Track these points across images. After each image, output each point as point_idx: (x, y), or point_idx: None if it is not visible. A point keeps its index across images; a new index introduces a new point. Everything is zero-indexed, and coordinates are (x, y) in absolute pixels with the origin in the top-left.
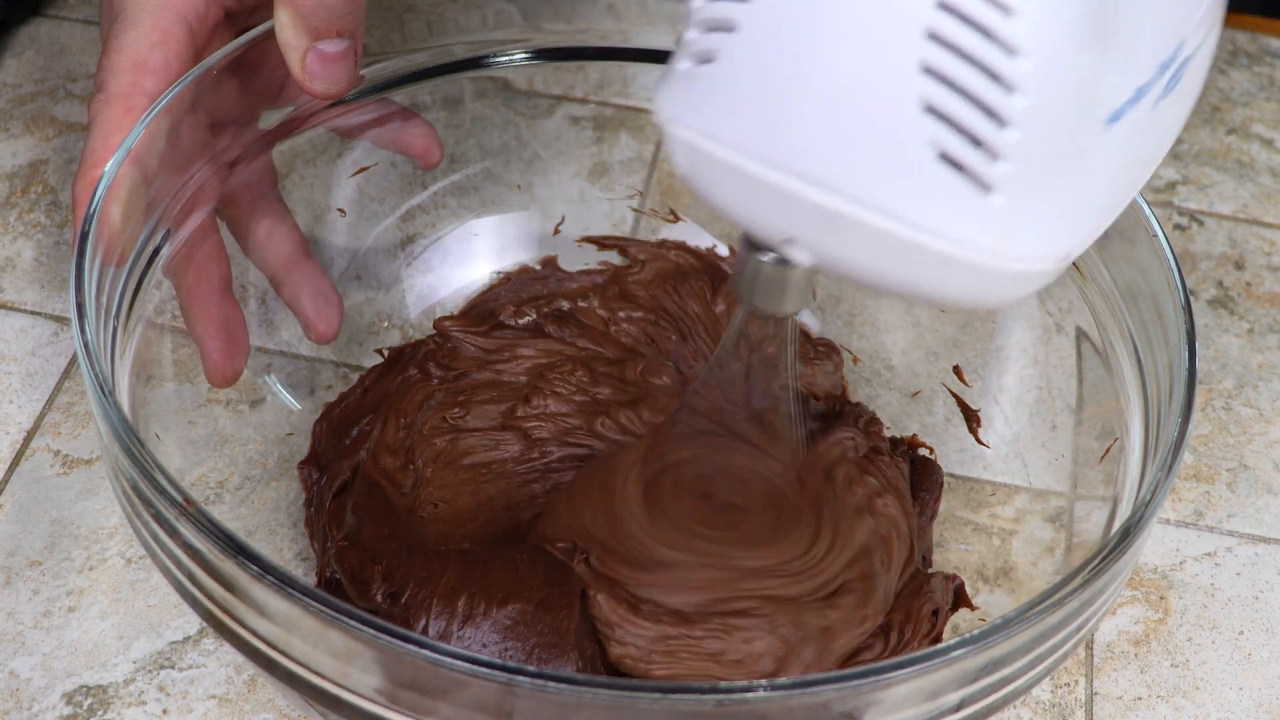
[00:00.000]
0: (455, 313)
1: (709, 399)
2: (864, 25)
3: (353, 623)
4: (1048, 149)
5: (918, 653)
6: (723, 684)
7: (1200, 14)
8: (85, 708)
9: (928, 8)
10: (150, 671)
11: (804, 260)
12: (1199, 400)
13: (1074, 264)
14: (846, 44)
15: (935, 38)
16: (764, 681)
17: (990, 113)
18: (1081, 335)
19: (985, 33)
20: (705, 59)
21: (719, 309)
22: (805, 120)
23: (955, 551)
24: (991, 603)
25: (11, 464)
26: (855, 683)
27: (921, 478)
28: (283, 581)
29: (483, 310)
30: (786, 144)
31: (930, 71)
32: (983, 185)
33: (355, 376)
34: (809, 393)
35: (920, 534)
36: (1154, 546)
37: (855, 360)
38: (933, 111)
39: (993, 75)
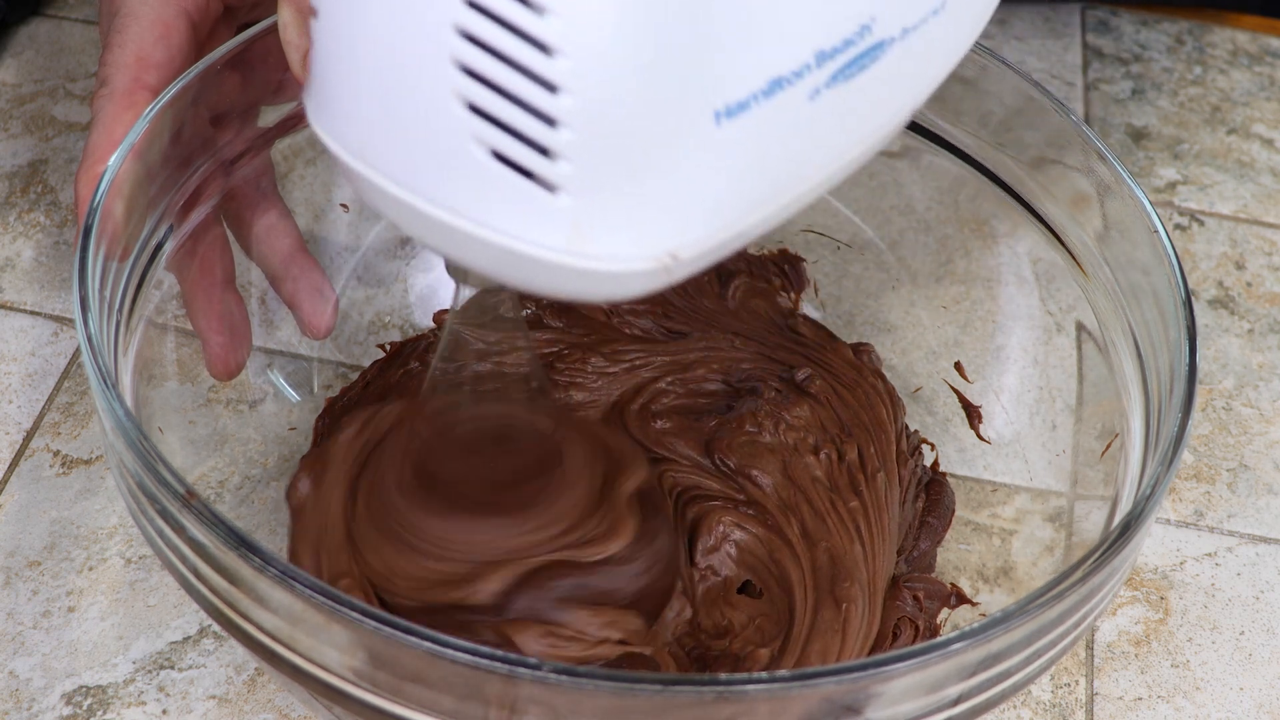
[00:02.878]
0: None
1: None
2: (399, 18)
3: (357, 616)
4: (620, 146)
5: (918, 646)
6: (723, 676)
7: None
8: (85, 708)
9: (457, 5)
10: (150, 672)
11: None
12: (1199, 400)
13: (1076, 261)
14: (386, 37)
15: (468, 36)
16: (764, 674)
17: (537, 113)
18: (1083, 331)
19: (517, 32)
20: (313, 38)
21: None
22: (367, 113)
23: (955, 551)
24: (991, 602)
25: (11, 464)
26: (855, 675)
27: (933, 504)
28: (287, 575)
29: (483, 304)
30: (358, 134)
31: (467, 70)
32: (546, 185)
33: (355, 375)
34: None
35: (919, 558)
36: (1154, 546)
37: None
38: (477, 111)
39: (532, 76)
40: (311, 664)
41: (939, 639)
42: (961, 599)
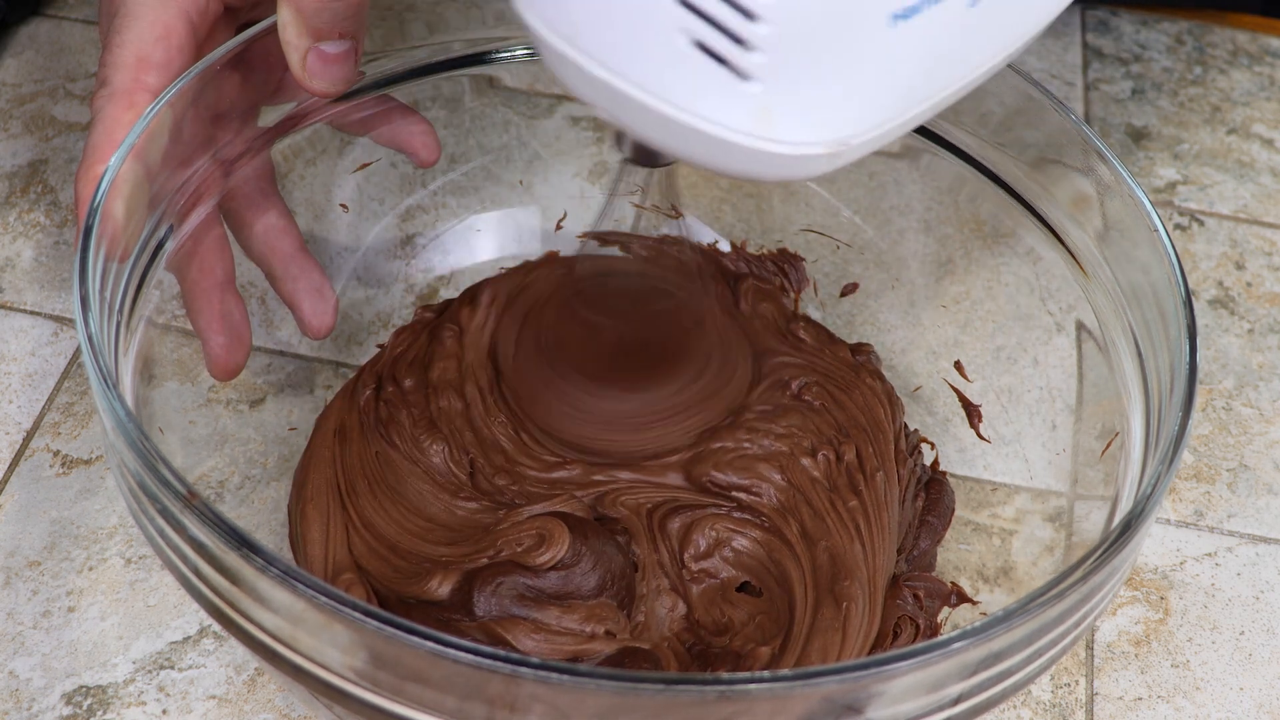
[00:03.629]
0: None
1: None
2: None
3: (358, 615)
4: (810, 42)
5: (919, 645)
6: (725, 675)
7: None
8: (85, 708)
9: None
10: (150, 672)
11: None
12: (1199, 401)
13: (1076, 261)
14: None
15: None
16: (765, 673)
17: (738, 7)
18: (1083, 331)
19: None
20: None
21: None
22: (581, 2)
23: (955, 551)
24: (992, 602)
25: (11, 464)
26: (857, 674)
27: (933, 503)
28: (289, 575)
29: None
30: (570, 21)
31: None
32: (740, 73)
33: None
34: None
35: (920, 557)
36: (1154, 546)
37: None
38: (685, 3)
39: None
40: (312, 663)
41: (940, 638)
42: (962, 598)
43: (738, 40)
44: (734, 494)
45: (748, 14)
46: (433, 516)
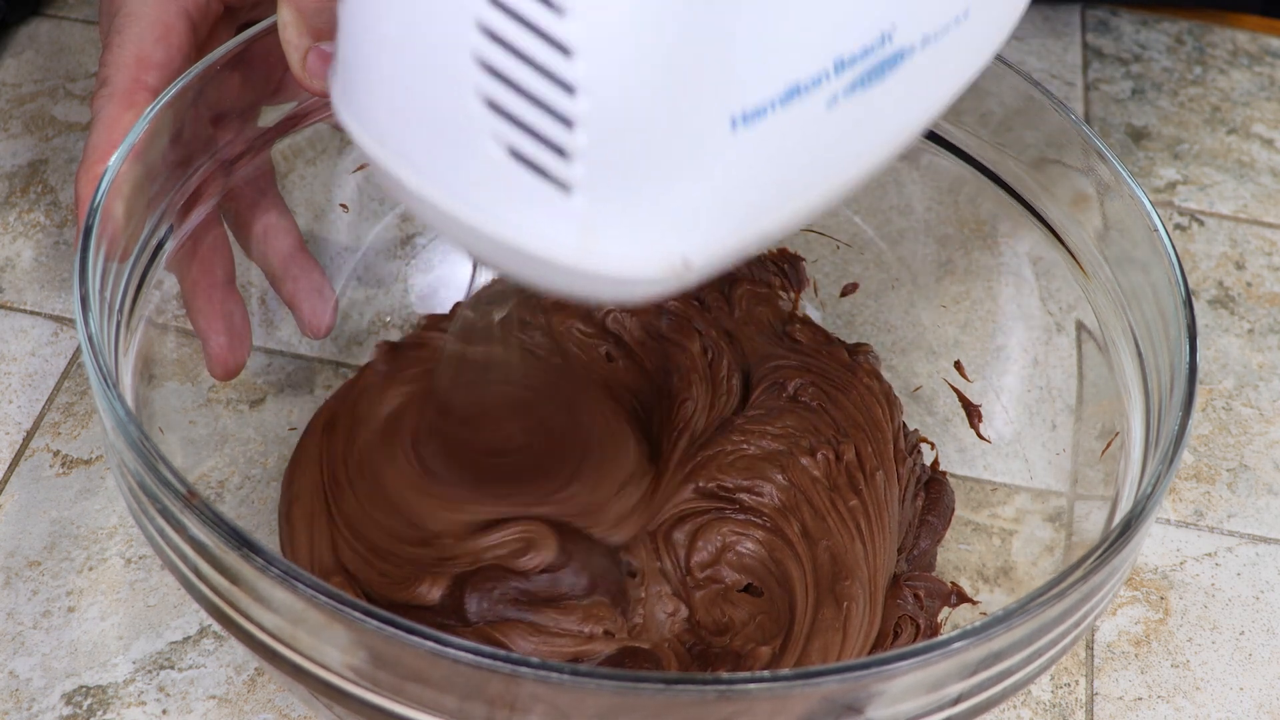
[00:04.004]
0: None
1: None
2: (422, 13)
3: (358, 615)
4: (634, 150)
5: (919, 644)
6: (725, 675)
7: None
8: (85, 708)
9: (479, 2)
10: (150, 672)
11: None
12: (1199, 401)
13: (1076, 261)
14: (408, 32)
15: (488, 33)
16: (766, 673)
17: (554, 113)
18: (1083, 331)
19: (538, 31)
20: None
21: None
22: (389, 104)
23: (955, 551)
24: (992, 602)
25: (11, 464)
26: (858, 674)
27: (933, 502)
28: (288, 574)
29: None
30: (379, 124)
31: (487, 67)
32: (560, 185)
33: (355, 375)
34: None
35: (920, 556)
36: (1154, 546)
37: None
38: (495, 108)
39: (550, 76)
40: (312, 663)
41: (940, 638)
42: (962, 598)
43: (556, 149)
44: (738, 495)
45: (565, 120)
46: (415, 519)
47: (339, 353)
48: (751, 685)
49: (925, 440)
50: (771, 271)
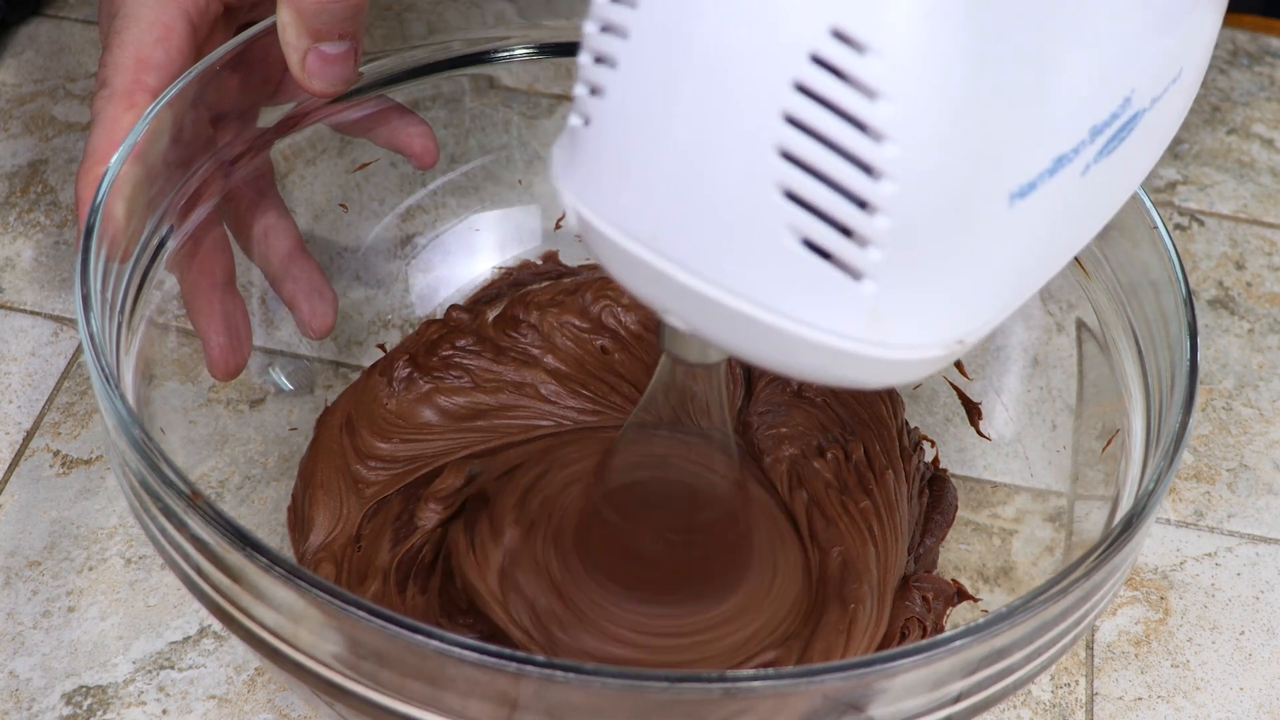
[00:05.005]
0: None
1: (642, 443)
2: (719, 104)
3: (360, 613)
4: (929, 233)
5: (921, 642)
6: (729, 673)
7: (1161, 54)
8: (85, 708)
9: (785, 89)
10: (150, 672)
11: (683, 329)
12: (1199, 401)
13: (1076, 260)
14: (701, 122)
15: (793, 121)
16: (769, 670)
17: (856, 199)
18: (1084, 329)
19: (847, 117)
20: (585, 119)
21: None
22: (665, 199)
23: (955, 551)
24: (992, 602)
25: (11, 464)
26: (860, 671)
27: (936, 499)
28: (291, 573)
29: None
30: (649, 221)
31: (789, 156)
32: (852, 272)
33: (354, 376)
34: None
35: (925, 554)
36: (1154, 546)
37: None
38: (793, 197)
39: (856, 161)
40: (314, 660)
41: (941, 635)
42: (963, 595)
43: (851, 235)
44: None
45: (864, 205)
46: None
47: (339, 353)
48: (755, 683)
49: (926, 438)
50: None
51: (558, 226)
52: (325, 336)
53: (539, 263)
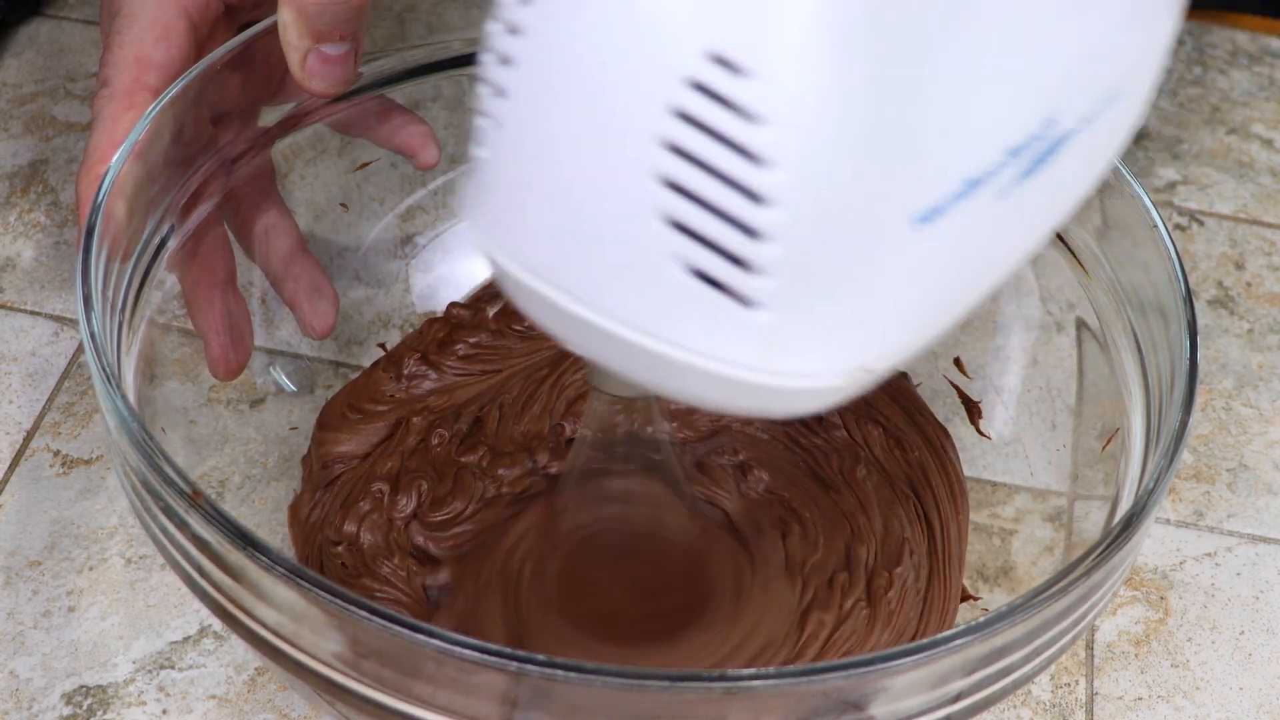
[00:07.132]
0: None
1: (589, 490)
2: (600, 132)
3: (362, 613)
4: (823, 260)
5: (922, 641)
6: (729, 672)
7: (1091, 76)
8: (85, 708)
9: (664, 116)
10: (150, 671)
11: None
12: (1199, 400)
13: (1076, 259)
14: (585, 151)
15: (675, 149)
16: (770, 669)
17: (744, 227)
18: (1084, 329)
19: (729, 143)
20: (484, 148)
21: None
22: (555, 230)
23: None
24: (992, 602)
25: (11, 464)
26: (861, 670)
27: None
28: (292, 572)
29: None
30: (542, 252)
31: (672, 185)
32: (743, 301)
33: (355, 376)
34: None
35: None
36: (1154, 546)
37: None
38: (679, 226)
39: (742, 188)
40: (315, 660)
41: (942, 634)
42: (964, 595)
43: (741, 264)
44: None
45: (752, 233)
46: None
47: (339, 353)
48: (756, 682)
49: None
50: None
51: None
52: (326, 336)
53: None
